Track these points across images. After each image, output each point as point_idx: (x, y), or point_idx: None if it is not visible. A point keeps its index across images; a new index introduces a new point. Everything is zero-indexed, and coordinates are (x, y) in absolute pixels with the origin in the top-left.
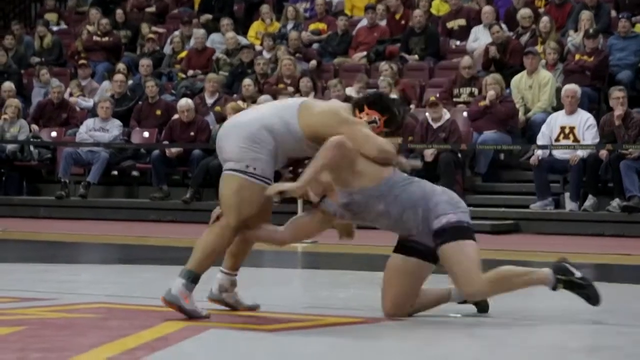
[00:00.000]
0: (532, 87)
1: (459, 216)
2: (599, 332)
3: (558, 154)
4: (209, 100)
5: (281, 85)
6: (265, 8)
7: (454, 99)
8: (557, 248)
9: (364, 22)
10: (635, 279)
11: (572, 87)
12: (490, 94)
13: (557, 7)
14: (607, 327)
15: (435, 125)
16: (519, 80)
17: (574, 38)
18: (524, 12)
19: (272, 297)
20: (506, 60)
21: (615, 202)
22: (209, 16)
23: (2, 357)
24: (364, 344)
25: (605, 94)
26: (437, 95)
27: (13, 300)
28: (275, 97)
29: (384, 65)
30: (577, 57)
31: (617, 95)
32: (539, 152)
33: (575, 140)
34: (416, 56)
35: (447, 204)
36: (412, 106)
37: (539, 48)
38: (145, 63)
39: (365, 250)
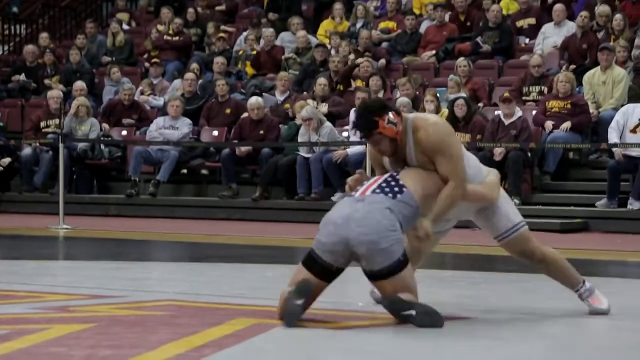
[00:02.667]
0: (606, 83)
1: None
2: None
3: (631, 151)
4: (279, 98)
5: (358, 83)
6: (337, 5)
7: (523, 98)
8: (625, 247)
9: (433, 21)
10: None
11: None
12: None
13: (634, 4)
14: None
15: (507, 122)
16: (592, 76)
17: None
18: (602, 10)
19: (340, 294)
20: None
21: None
22: (277, 15)
23: (73, 354)
24: (430, 343)
25: None
26: (505, 93)
27: (84, 298)
28: (349, 83)
29: (462, 62)
30: None
31: None
32: (618, 151)
33: None
34: (488, 47)
35: None
36: (481, 104)
37: (612, 44)
38: (219, 61)
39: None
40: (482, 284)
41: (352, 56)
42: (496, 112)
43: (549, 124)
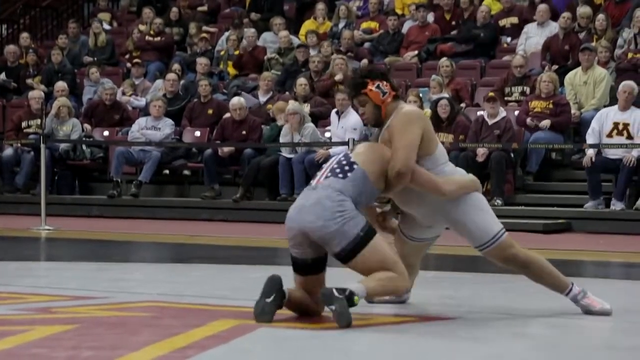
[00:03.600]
0: (587, 83)
1: None
2: None
3: (610, 152)
4: (262, 99)
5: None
6: (320, 6)
7: (506, 98)
8: (607, 247)
9: (415, 21)
10: None
11: (629, 83)
12: None
13: (617, 5)
14: None
15: (490, 122)
16: (574, 76)
17: (628, 35)
18: (584, 11)
19: None
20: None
21: None
22: (259, 15)
23: (55, 355)
24: (410, 343)
25: None
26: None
27: (66, 299)
28: (328, 95)
29: (444, 62)
30: (629, 55)
31: None
32: (590, 152)
33: (629, 136)
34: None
35: None
36: (464, 105)
37: (594, 44)
38: (202, 62)
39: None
40: (465, 285)
41: (334, 56)
42: (479, 113)
43: (529, 121)
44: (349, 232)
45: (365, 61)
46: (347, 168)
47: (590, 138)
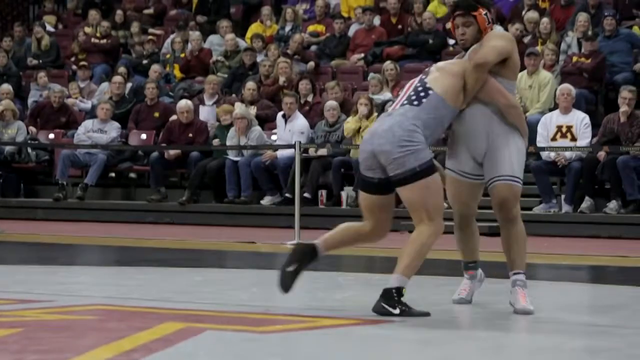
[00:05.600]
0: (532, 87)
1: None
2: (596, 334)
3: (554, 155)
4: (208, 102)
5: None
6: (265, 10)
7: None
8: (554, 250)
9: (361, 24)
10: (631, 280)
11: (567, 86)
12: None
13: (562, 8)
14: (604, 328)
15: None
16: (519, 79)
17: (572, 39)
18: (531, 17)
19: (269, 298)
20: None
21: (613, 204)
22: (205, 18)
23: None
24: (360, 346)
25: (602, 96)
26: None
27: (11, 302)
28: (274, 99)
29: (389, 65)
30: (574, 59)
31: (625, 96)
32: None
33: (573, 139)
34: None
35: None
36: None
37: (539, 49)
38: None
39: (363, 252)
40: (411, 287)
41: (279, 60)
42: None
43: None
44: (408, 164)
45: (312, 63)
46: (422, 94)
47: (539, 143)
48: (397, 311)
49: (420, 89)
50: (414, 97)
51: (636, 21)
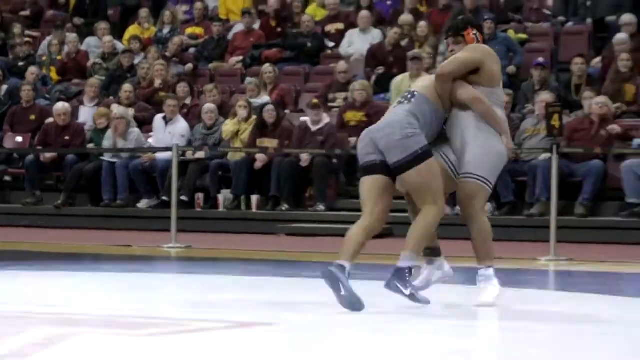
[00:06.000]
0: None
1: None
2: (464, 334)
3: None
4: (89, 104)
5: (162, 94)
6: (143, 12)
7: (329, 104)
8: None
9: (240, 27)
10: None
11: None
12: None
13: (440, 12)
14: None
15: (314, 129)
16: (400, 82)
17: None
18: (405, 20)
19: (143, 302)
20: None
21: (487, 206)
22: (82, 20)
23: None
24: (226, 349)
25: None
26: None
27: None
28: (151, 102)
29: (267, 68)
30: None
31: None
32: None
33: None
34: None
35: None
36: (288, 111)
37: (423, 52)
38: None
39: (238, 255)
40: (286, 290)
41: (157, 62)
42: (302, 119)
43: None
44: (410, 146)
45: (190, 66)
46: (409, 96)
47: None
48: (407, 292)
49: (406, 94)
50: (402, 100)
51: (511, 25)
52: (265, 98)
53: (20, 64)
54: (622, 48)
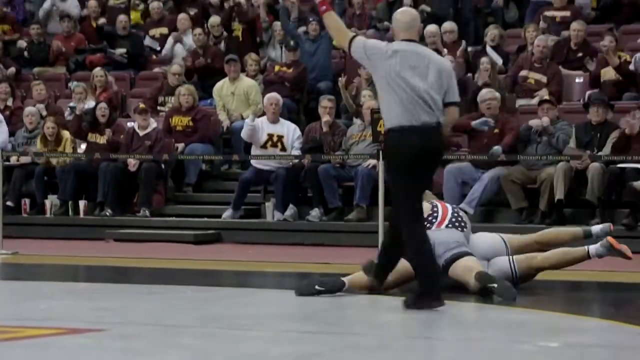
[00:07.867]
0: (235, 94)
1: None
2: (302, 340)
3: (261, 164)
4: None
5: None
6: None
7: (159, 108)
8: (260, 258)
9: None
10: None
11: (274, 95)
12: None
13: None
14: (309, 334)
15: (141, 133)
16: (221, 87)
17: (273, 50)
18: (214, 20)
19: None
20: (212, 66)
21: (315, 212)
22: None
23: None
24: (65, 356)
25: (304, 105)
26: (142, 103)
27: None
28: None
29: (98, 71)
30: (277, 68)
31: (325, 105)
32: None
33: (284, 149)
34: (124, 50)
35: None
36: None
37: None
38: None
39: (66, 261)
40: (117, 296)
41: None
42: (130, 124)
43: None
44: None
45: (12, 69)
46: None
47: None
48: (494, 285)
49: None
50: (457, 224)
51: None
52: (92, 103)
53: None
54: None
